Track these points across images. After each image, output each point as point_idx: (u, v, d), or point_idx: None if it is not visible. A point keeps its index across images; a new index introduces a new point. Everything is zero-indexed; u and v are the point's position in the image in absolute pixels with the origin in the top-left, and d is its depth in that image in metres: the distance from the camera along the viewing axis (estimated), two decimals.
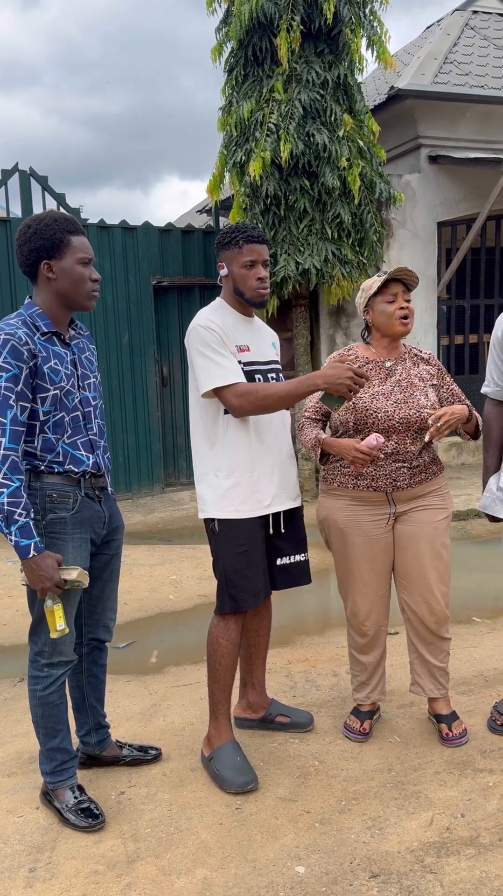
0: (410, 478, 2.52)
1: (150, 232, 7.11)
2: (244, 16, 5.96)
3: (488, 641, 3.60)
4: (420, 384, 2.54)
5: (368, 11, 6.35)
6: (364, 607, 2.63)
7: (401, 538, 2.57)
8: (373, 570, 2.59)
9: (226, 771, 2.40)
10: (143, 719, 2.92)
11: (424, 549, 2.55)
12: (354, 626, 2.68)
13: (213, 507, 2.46)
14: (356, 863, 2.05)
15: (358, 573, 2.61)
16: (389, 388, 2.52)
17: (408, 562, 2.57)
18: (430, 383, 2.57)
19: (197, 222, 9.65)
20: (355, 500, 2.58)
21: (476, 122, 7.60)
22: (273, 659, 3.41)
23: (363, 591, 2.62)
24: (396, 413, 2.47)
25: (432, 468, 2.59)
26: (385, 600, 2.65)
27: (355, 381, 2.27)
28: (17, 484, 2.05)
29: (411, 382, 2.54)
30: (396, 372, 2.56)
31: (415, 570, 2.56)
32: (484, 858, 2.05)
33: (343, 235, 6.37)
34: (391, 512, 2.56)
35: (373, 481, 2.52)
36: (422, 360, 2.63)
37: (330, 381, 2.29)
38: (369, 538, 2.57)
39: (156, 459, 7.33)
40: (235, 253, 2.44)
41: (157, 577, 4.84)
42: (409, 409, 2.48)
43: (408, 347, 2.65)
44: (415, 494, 2.55)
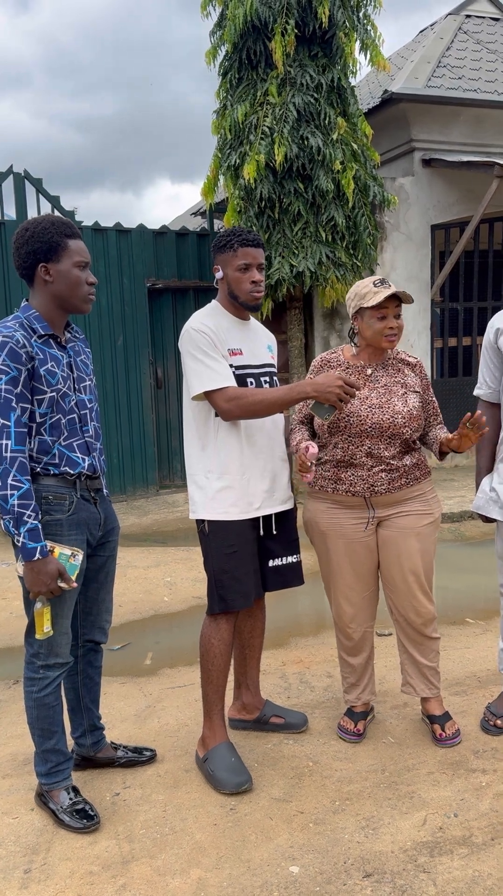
0: (389, 483, 2.51)
1: (144, 234, 7.12)
2: (238, 19, 5.99)
3: (481, 642, 3.62)
4: (400, 390, 2.52)
5: (362, 15, 6.38)
6: (349, 610, 2.64)
7: (383, 542, 2.58)
8: (356, 573, 2.61)
9: (220, 772, 2.41)
10: (137, 721, 2.93)
11: (406, 554, 2.54)
12: (340, 628, 2.69)
13: (203, 508, 2.47)
14: (350, 862, 2.06)
15: (341, 576, 2.62)
16: (367, 392, 2.51)
17: (391, 566, 2.58)
18: (413, 389, 2.54)
19: (191, 225, 9.67)
20: (336, 503, 2.59)
21: (469, 126, 7.64)
22: (267, 660, 3.42)
23: (347, 593, 2.63)
24: (369, 418, 2.47)
25: (414, 473, 2.56)
26: (370, 602, 2.66)
27: (345, 391, 2.29)
28: (27, 486, 2.06)
29: (390, 388, 2.51)
30: (377, 378, 2.54)
31: (397, 574, 2.57)
32: (476, 857, 2.06)
33: (337, 238, 6.39)
34: (370, 516, 2.56)
35: (351, 486, 2.53)
36: (407, 364, 2.59)
37: (320, 390, 2.30)
38: (350, 541, 2.58)
39: (150, 461, 7.33)
40: (230, 256, 2.45)
41: (152, 578, 4.85)
42: (383, 415, 2.46)
43: (395, 352, 2.62)
44: (395, 500, 2.54)
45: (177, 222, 13.03)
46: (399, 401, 2.49)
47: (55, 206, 6.68)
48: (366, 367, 2.56)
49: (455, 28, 8.86)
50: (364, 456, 2.49)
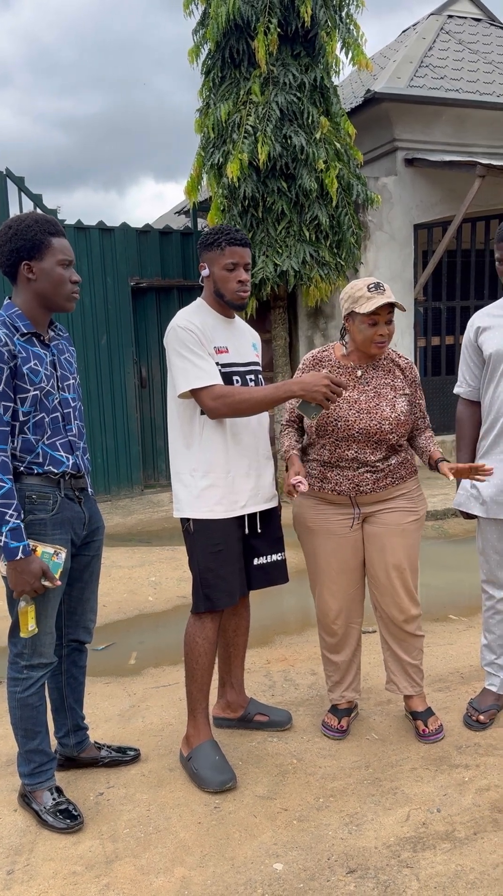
0: (374, 483, 2.52)
1: (127, 233, 7.10)
2: (221, 18, 5.98)
3: (464, 639, 3.64)
4: (389, 393, 2.51)
5: (344, 14, 6.40)
6: (333, 605, 2.65)
7: (368, 538, 2.59)
8: (342, 569, 2.62)
9: (204, 770, 2.41)
10: (121, 720, 2.92)
11: (390, 550, 2.56)
12: (324, 625, 2.70)
13: (188, 506, 2.47)
14: (333, 859, 2.07)
15: (327, 571, 2.64)
16: (356, 395, 2.51)
17: (374, 562, 2.59)
18: (402, 392, 2.53)
19: (175, 224, 9.65)
20: (322, 500, 2.60)
21: (451, 126, 7.68)
22: (252, 658, 3.43)
23: (332, 589, 2.64)
24: (356, 423, 2.47)
25: (399, 472, 2.57)
26: (355, 599, 2.67)
27: (332, 390, 2.29)
28: (8, 485, 2.05)
29: (379, 392, 2.51)
30: (367, 380, 2.55)
31: (381, 570, 2.58)
32: (459, 852, 2.08)
33: (320, 237, 6.41)
34: (355, 514, 2.58)
35: (337, 485, 2.54)
36: (397, 366, 2.58)
37: (306, 389, 2.31)
38: (337, 537, 2.59)
39: (134, 461, 7.32)
40: (217, 255, 2.45)
41: (137, 578, 4.84)
42: (371, 420, 2.47)
43: (387, 352, 2.61)
44: (380, 498, 2.55)
45: (161, 221, 13.00)
46: (387, 406, 2.49)
47: (37, 204, 6.64)
48: (356, 367, 2.56)
49: (437, 28, 8.90)
50: (351, 458, 2.50)
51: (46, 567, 2.11)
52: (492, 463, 2.62)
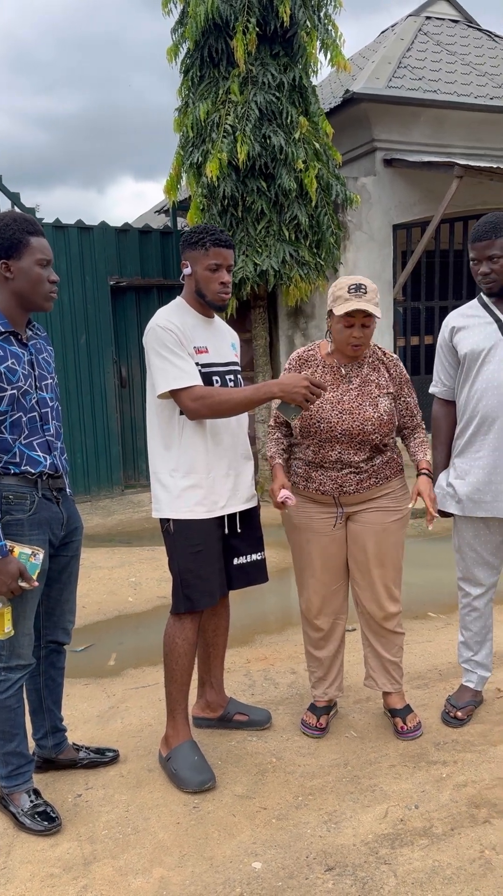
0: (357, 483, 2.53)
1: (106, 232, 7.07)
2: (200, 17, 5.97)
3: (442, 636, 3.67)
4: (373, 392, 2.51)
5: (323, 15, 6.41)
6: (317, 601, 2.66)
7: (351, 536, 2.61)
8: (326, 567, 2.63)
9: (183, 770, 2.41)
10: (100, 722, 2.91)
11: (372, 548, 2.57)
12: (308, 620, 2.71)
13: (168, 507, 2.47)
14: (312, 857, 2.07)
15: (311, 568, 2.65)
16: (339, 395, 2.51)
17: (357, 560, 2.61)
18: (386, 391, 2.53)
19: (154, 223, 9.63)
20: (307, 499, 2.62)
21: (429, 126, 7.73)
22: (232, 658, 3.43)
23: (316, 586, 2.65)
24: (339, 425, 2.48)
25: (384, 472, 2.57)
26: (339, 595, 2.68)
27: (312, 392, 2.30)
28: None
29: (363, 391, 2.51)
30: (350, 378, 2.55)
31: (362, 567, 2.60)
32: (436, 848, 2.09)
33: (300, 237, 6.42)
34: (339, 514, 2.59)
35: (321, 485, 2.55)
36: (383, 363, 2.58)
37: (286, 391, 2.32)
38: (321, 534, 2.61)
39: (115, 461, 7.29)
40: (201, 254, 2.44)
41: (117, 579, 4.82)
42: (354, 422, 2.47)
43: (373, 349, 2.60)
44: (364, 498, 2.57)
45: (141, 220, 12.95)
46: (370, 406, 2.49)
47: (15, 202, 6.60)
48: (340, 365, 2.56)
49: (415, 29, 8.95)
50: (334, 459, 2.51)
51: (24, 568, 2.10)
52: (467, 462, 2.64)
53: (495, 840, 2.11)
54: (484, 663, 2.82)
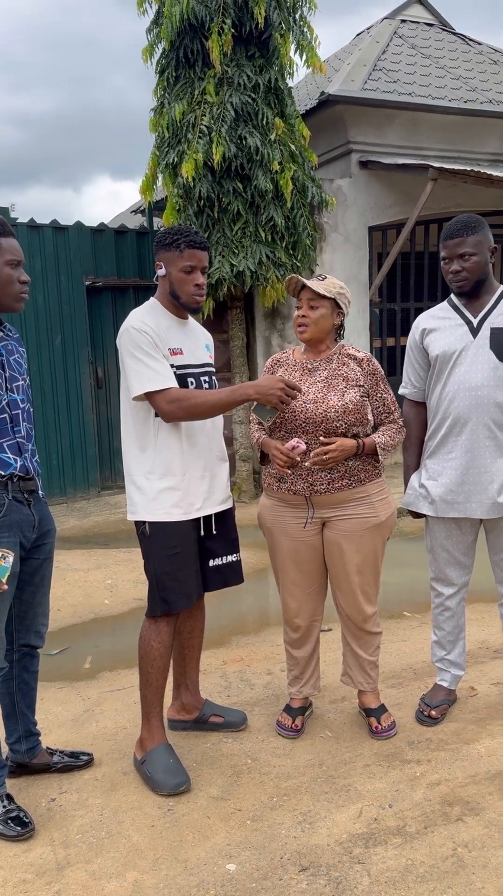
0: (329, 483, 2.50)
1: (82, 232, 7.03)
2: (175, 17, 5.95)
3: (418, 635, 3.70)
4: (340, 384, 2.50)
5: (298, 17, 6.42)
6: (293, 604, 2.67)
7: (327, 544, 2.60)
8: (300, 570, 2.63)
9: (158, 773, 2.40)
10: (75, 725, 2.89)
11: (351, 557, 2.56)
12: (287, 620, 2.72)
13: (143, 509, 2.46)
14: (286, 857, 2.08)
15: (285, 572, 2.65)
16: (306, 387, 2.52)
17: (335, 567, 2.61)
18: (355, 384, 2.51)
19: (131, 223, 9.59)
20: (280, 500, 2.62)
21: (404, 129, 7.77)
22: (208, 659, 3.42)
23: (291, 589, 2.66)
24: (302, 413, 2.48)
25: (358, 475, 2.53)
26: (316, 598, 2.69)
27: (287, 393, 2.32)
28: None
29: (329, 383, 2.51)
30: (318, 372, 2.55)
31: (341, 574, 2.59)
32: (410, 847, 2.11)
33: (276, 238, 6.43)
34: (309, 516, 2.58)
35: (292, 485, 2.55)
36: (353, 359, 2.57)
37: (261, 392, 2.33)
38: (293, 539, 2.60)
39: (91, 462, 7.24)
40: (176, 256, 2.43)
41: (92, 581, 4.79)
42: (317, 409, 2.46)
43: (343, 348, 2.60)
44: (337, 500, 2.53)
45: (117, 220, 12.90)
46: (335, 396, 2.48)
47: None
48: (309, 362, 2.58)
49: (391, 32, 9.00)
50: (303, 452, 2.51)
51: None
52: (439, 464, 2.66)
53: (467, 838, 2.13)
54: (457, 662, 2.84)
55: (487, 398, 2.53)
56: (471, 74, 8.63)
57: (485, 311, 2.58)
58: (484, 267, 2.54)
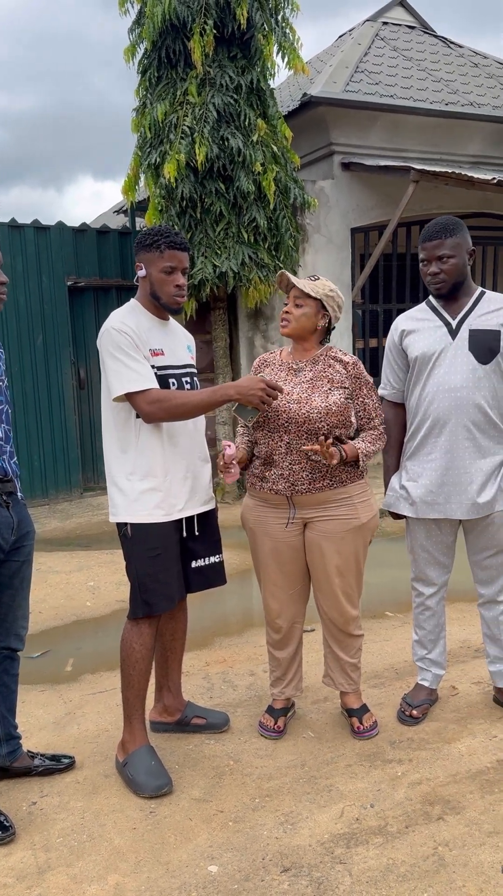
0: (310, 482, 2.51)
1: (63, 232, 6.99)
2: (157, 18, 5.95)
3: (399, 635, 3.71)
4: (324, 385, 2.50)
5: (280, 18, 6.43)
6: (275, 605, 2.67)
7: (308, 545, 2.60)
8: (282, 571, 2.64)
9: (140, 776, 2.39)
10: (56, 728, 2.88)
11: (332, 559, 2.56)
12: (269, 621, 2.73)
13: (125, 511, 2.45)
14: (268, 858, 2.08)
15: (266, 572, 2.66)
16: (290, 387, 2.53)
17: (316, 568, 2.61)
18: (340, 385, 2.51)
19: (114, 223, 9.56)
20: (262, 500, 2.62)
21: (386, 131, 7.81)
22: (191, 661, 3.42)
23: (272, 590, 2.66)
24: (285, 413, 2.48)
25: (339, 476, 2.53)
26: (298, 599, 2.69)
27: (268, 393, 2.32)
28: None
29: (314, 385, 2.51)
30: (303, 373, 2.56)
31: (322, 576, 2.60)
32: (391, 846, 2.12)
33: (259, 239, 6.43)
34: (290, 516, 2.58)
35: (274, 484, 2.55)
36: (338, 361, 2.57)
37: (242, 393, 2.33)
38: (275, 540, 2.61)
39: (73, 464, 7.21)
40: (156, 256, 2.43)
41: (74, 583, 4.77)
42: (300, 409, 2.47)
43: (331, 350, 2.60)
44: (318, 501, 2.53)
45: (100, 220, 12.85)
46: (319, 396, 2.48)
47: None
48: (295, 362, 2.59)
49: (372, 34, 9.04)
50: (284, 451, 2.51)
51: None
52: (419, 465, 2.67)
53: (448, 837, 2.14)
54: (438, 661, 2.86)
55: (466, 399, 2.55)
56: (453, 77, 8.69)
57: (464, 313, 2.60)
58: (462, 269, 2.56)
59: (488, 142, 8.29)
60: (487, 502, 2.59)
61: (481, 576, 2.75)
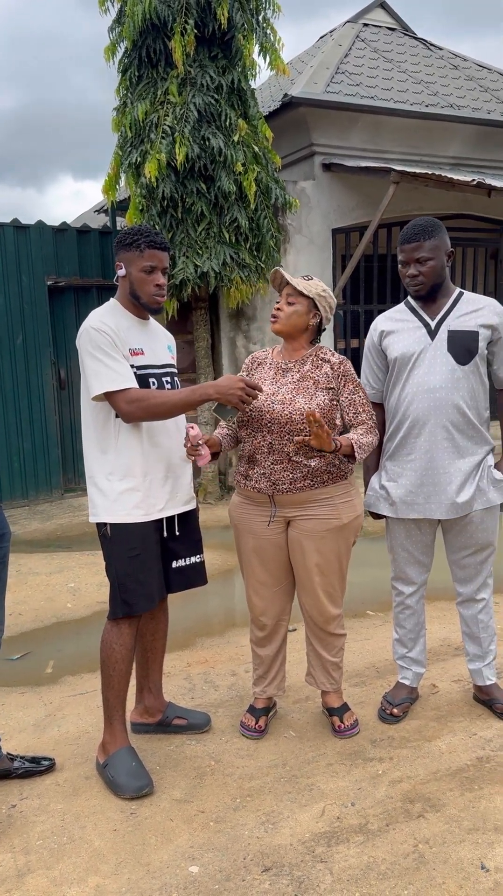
0: (291, 482, 2.51)
1: (43, 231, 6.95)
2: (137, 17, 5.93)
3: (380, 634, 3.73)
4: (310, 387, 2.51)
5: (261, 18, 6.44)
6: (259, 603, 2.68)
7: (291, 543, 2.61)
8: (266, 569, 2.64)
9: (120, 777, 2.38)
10: (36, 730, 2.86)
11: (313, 558, 2.56)
12: (253, 618, 2.73)
13: (105, 511, 2.44)
14: (249, 858, 2.08)
15: (250, 570, 2.66)
16: (276, 387, 2.54)
17: (297, 567, 2.62)
18: (325, 387, 2.51)
19: (95, 222, 9.51)
20: (246, 498, 2.63)
21: (367, 132, 7.84)
22: (172, 662, 3.41)
23: (256, 587, 2.67)
24: (269, 413, 2.49)
25: (321, 476, 2.52)
26: (282, 597, 2.69)
27: (247, 393, 2.32)
28: None
29: (299, 385, 2.52)
30: (290, 373, 2.56)
31: (303, 574, 2.60)
32: (371, 844, 2.12)
33: (240, 239, 6.43)
34: (272, 514, 2.59)
35: (256, 482, 2.56)
36: (327, 362, 2.56)
37: (221, 392, 2.33)
38: (258, 537, 2.61)
39: (54, 465, 7.16)
40: (136, 256, 2.42)
41: (55, 585, 4.74)
42: (284, 410, 2.47)
43: (321, 351, 2.59)
44: (300, 500, 2.53)
45: (81, 219, 12.79)
46: (303, 398, 2.49)
47: None
48: (284, 362, 2.59)
49: (353, 36, 9.07)
50: (267, 451, 2.51)
51: None
52: (398, 465, 2.69)
53: (428, 834, 2.16)
54: (418, 660, 2.88)
55: (445, 400, 2.57)
56: (433, 79, 8.74)
57: (443, 314, 2.61)
58: (440, 271, 2.58)
59: (468, 143, 8.36)
60: (466, 502, 2.61)
61: (460, 574, 2.77)
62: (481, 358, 2.59)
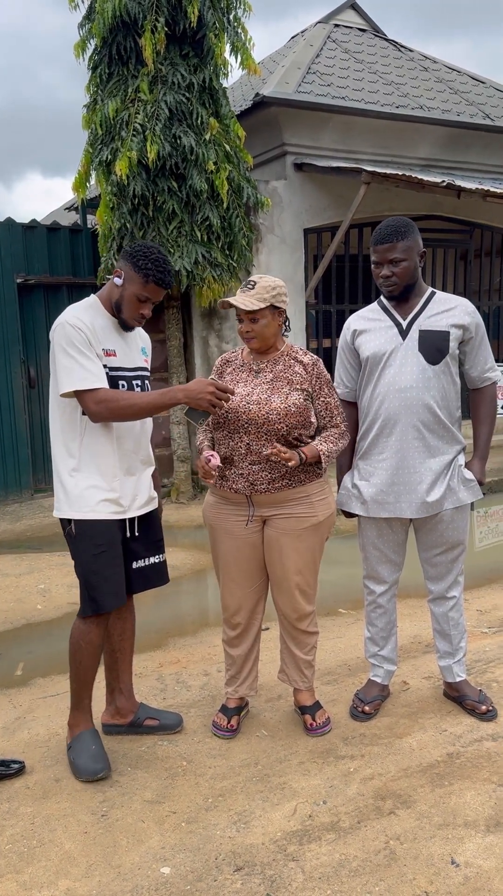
0: (269, 482, 2.51)
1: (12, 228, 6.87)
2: (107, 14, 5.88)
3: (352, 632, 3.75)
4: (284, 387, 2.50)
5: (232, 17, 6.43)
6: (232, 602, 2.68)
7: (267, 541, 2.61)
8: (240, 569, 2.64)
9: (80, 758, 2.43)
10: (6, 733, 2.83)
11: (286, 553, 2.57)
12: (226, 618, 2.73)
13: (68, 507, 2.44)
14: (221, 858, 2.08)
15: (225, 570, 2.66)
16: (250, 388, 2.53)
17: (272, 565, 2.62)
18: (299, 387, 2.51)
19: (65, 220, 9.43)
20: (223, 498, 2.62)
21: (338, 132, 7.87)
22: (144, 662, 3.39)
23: (230, 587, 2.67)
24: (244, 414, 2.48)
25: (298, 476, 2.53)
26: (254, 596, 2.69)
27: (218, 396, 2.31)
28: None
29: (273, 386, 2.51)
30: (264, 374, 2.55)
31: (279, 572, 2.61)
32: (343, 842, 2.13)
33: (212, 238, 6.42)
34: (250, 514, 2.59)
35: (234, 483, 2.55)
36: (299, 362, 2.56)
37: (191, 396, 2.32)
38: (234, 537, 2.61)
39: (23, 464, 7.09)
40: (138, 280, 2.42)
41: (24, 586, 4.69)
42: (259, 411, 2.47)
43: (292, 350, 2.59)
44: (277, 500, 2.54)
45: (52, 217, 12.67)
46: (278, 398, 2.49)
47: None
48: (255, 363, 2.58)
49: (324, 36, 9.10)
50: (244, 452, 2.51)
51: None
52: (370, 464, 2.70)
53: (399, 830, 2.17)
54: (390, 657, 2.89)
55: (416, 399, 2.58)
56: (403, 80, 8.80)
57: (415, 314, 2.63)
58: (413, 272, 2.59)
59: (438, 145, 8.43)
60: (436, 501, 2.63)
61: (431, 573, 2.79)
62: (452, 358, 2.61)
